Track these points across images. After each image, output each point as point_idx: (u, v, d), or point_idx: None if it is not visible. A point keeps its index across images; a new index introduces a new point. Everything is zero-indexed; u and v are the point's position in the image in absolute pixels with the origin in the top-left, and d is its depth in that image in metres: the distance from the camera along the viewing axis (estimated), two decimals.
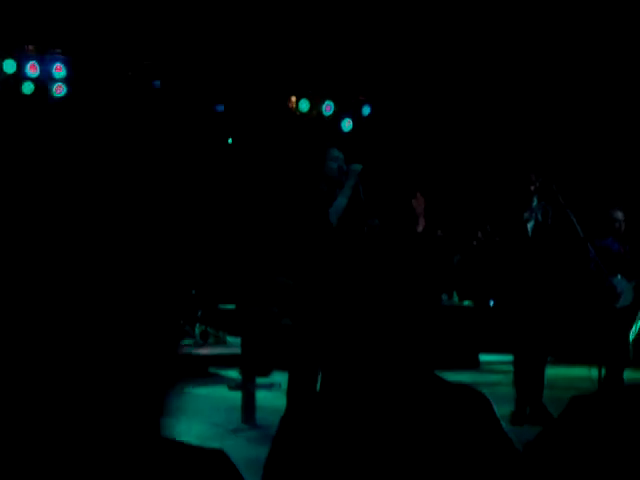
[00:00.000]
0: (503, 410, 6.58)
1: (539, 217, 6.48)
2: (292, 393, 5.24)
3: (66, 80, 10.71)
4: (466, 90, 11.91)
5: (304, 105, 12.24)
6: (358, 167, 5.29)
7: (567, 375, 9.47)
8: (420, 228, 6.74)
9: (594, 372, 6.64)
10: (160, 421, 1.46)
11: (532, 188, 6.46)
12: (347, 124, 12.48)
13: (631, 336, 10.29)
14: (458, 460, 1.85)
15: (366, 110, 12.57)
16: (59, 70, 10.60)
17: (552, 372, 7.20)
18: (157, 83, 11.27)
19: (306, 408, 2.06)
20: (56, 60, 10.62)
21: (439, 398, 1.96)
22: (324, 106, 12.31)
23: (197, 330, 10.37)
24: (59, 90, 10.70)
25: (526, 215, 6.46)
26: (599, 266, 7.13)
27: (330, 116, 12.41)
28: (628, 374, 8.43)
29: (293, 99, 12.30)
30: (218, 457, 2.43)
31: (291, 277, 5.60)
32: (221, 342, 10.50)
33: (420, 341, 2.00)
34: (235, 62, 11.59)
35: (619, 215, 7.88)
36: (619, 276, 7.67)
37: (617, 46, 10.71)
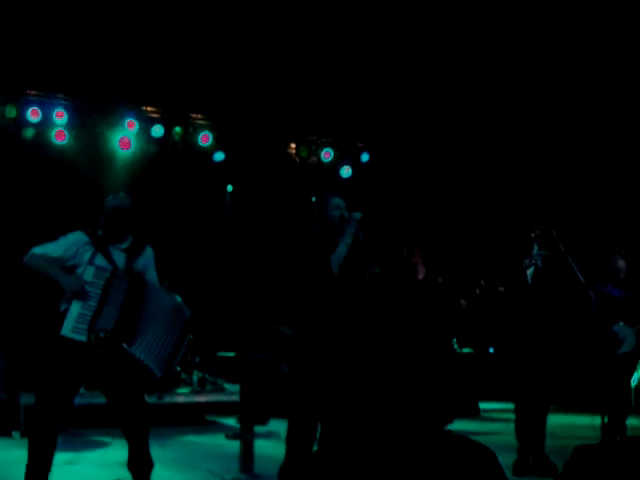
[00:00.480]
0: (505, 459, 6.48)
1: (539, 264, 6.46)
2: (291, 442, 5.17)
3: (67, 126, 10.75)
4: (465, 138, 11.98)
5: (304, 152, 12.31)
6: (358, 215, 5.28)
7: (569, 423, 9.37)
8: (421, 276, 6.73)
9: (596, 420, 6.56)
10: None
11: (532, 235, 6.46)
12: (346, 171, 12.54)
13: (633, 383, 10.23)
14: None
15: (365, 157, 12.64)
16: (60, 116, 10.64)
17: (554, 420, 7.11)
18: (159, 129, 11.32)
19: (306, 462, 2.01)
20: (58, 105, 10.67)
21: (443, 452, 1.92)
22: (323, 153, 12.37)
23: (195, 377, 10.27)
24: (60, 136, 10.73)
25: (526, 262, 6.44)
26: (600, 312, 7.09)
27: (329, 163, 12.47)
28: (631, 421, 8.35)
29: (293, 146, 12.38)
30: None
31: (291, 326, 5.57)
32: (219, 389, 10.39)
33: (437, 393, 1.97)
34: (234, 109, 11.67)
35: (620, 263, 7.88)
36: (621, 323, 7.64)
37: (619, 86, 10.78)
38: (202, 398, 9.90)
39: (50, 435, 4.92)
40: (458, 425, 9.19)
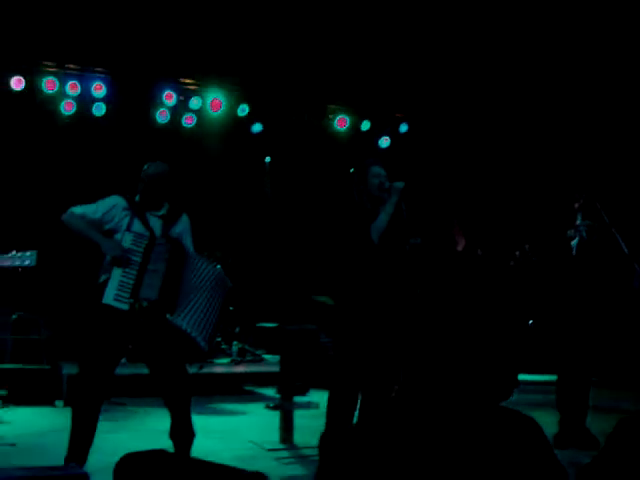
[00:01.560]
0: (546, 432, 6.44)
1: (584, 235, 6.36)
2: (331, 413, 5.17)
3: (106, 99, 10.79)
4: (507, 106, 11.81)
5: (342, 123, 12.25)
6: (401, 184, 5.22)
7: (612, 397, 9.29)
8: (460, 247, 6.66)
9: None
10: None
11: (576, 206, 6.35)
12: (384, 141, 12.46)
13: None
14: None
15: (403, 127, 12.54)
16: (99, 89, 10.68)
17: (595, 393, 7.04)
18: (197, 101, 11.32)
19: (347, 434, 1.99)
20: (97, 79, 10.71)
21: (489, 423, 1.90)
22: (362, 124, 12.30)
23: (234, 348, 10.33)
24: (98, 110, 10.79)
25: (570, 232, 6.34)
26: None
27: (367, 133, 12.40)
28: None
29: (330, 117, 12.31)
30: (258, 479, 2.38)
31: (331, 295, 5.54)
32: (258, 360, 10.45)
33: (500, 369, 1.94)
34: (273, 81, 11.62)
35: None
36: None
37: None
38: (241, 368, 9.96)
39: (93, 405, 4.96)
40: None
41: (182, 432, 5.08)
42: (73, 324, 8.90)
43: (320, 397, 5.65)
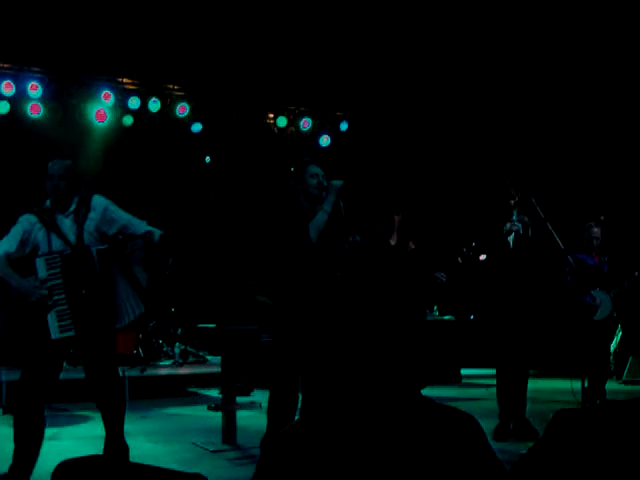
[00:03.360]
0: (486, 425, 6.54)
1: (520, 230, 6.47)
2: (272, 413, 5.17)
3: (42, 99, 10.61)
4: (444, 105, 11.94)
5: (282, 122, 12.25)
6: (338, 183, 5.23)
7: (549, 388, 9.47)
8: (393, 242, 6.71)
9: (576, 384, 6.62)
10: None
11: (512, 202, 6.45)
12: (325, 140, 12.50)
13: (612, 347, 10.35)
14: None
15: (344, 126, 12.59)
16: (35, 89, 10.51)
17: (534, 386, 7.17)
18: (135, 101, 11.20)
19: (285, 433, 2.00)
20: (32, 78, 10.53)
21: (424, 419, 1.92)
22: (302, 122, 12.32)
23: (177, 349, 10.27)
24: (35, 110, 10.60)
25: (507, 227, 6.44)
26: (577, 279, 7.14)
27: (308, 132, 12.42)
28: (610, 385, 8.45)
29: (271, 116, 12.30)
30: None
31: (270, 295, 5.53)
32: (201, 361, 10.40)
33: (408, 359, 1.96)
34: (211, 80, 11.57)
35: (596, 231, 7.92)
36: (597, 289, 7.69)
37: (586, 57, 10.77)
38: (184, 370, 9.91)
39: (36, 411, 4.89)
40: (440, 391, 9.32)
41: (115, 448, 5.03)
42: (12, 329, 8.75)
43: (264, 397, 5.65)
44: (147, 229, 5.20)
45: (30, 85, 10.47)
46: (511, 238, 6.48)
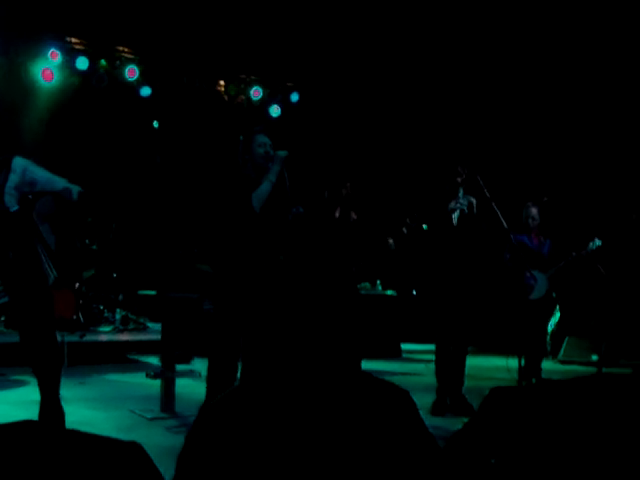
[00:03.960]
0: (425, 400, 6.63)
1: (465, 209, 6.52)
2: (211, 381, 5.16)
3: None
4: (396, 78, 11.95)
5: (232, 89, 12.14)
6: (284, 153, 5.20)
7: (486, 365, 9.62)
8: (337, 214, 6.73)
9: (512, 362, 6.73)
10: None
11: (459, 180, 6.49)
12: (275, 110, 12.43)
13: (549, 327, 10.54)
14: (380, 457, 1.82)
15: (294, 96, 12.54)
16: None
17: (472, 362, 7.27)
18: (83, 61, 10.99)
19: (224, 401, 1.98)
20: None
21: (357, 391, 1.92)
22: (252, 91, 12.22)
23: (118, 315, 10.17)
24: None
25: (452, 205, 6.49)
26: (515, 259, 7.23)
27: (258, 101, 12.33)
28: (546, 364, 8.61)
29: (222, 83, 12.18)
30: (133, 449, 2.35)
31: (211, 264, 5.49)
32: (142, 328, 10.33)
33: (344, 332, 1.97)
34: (163, 43, 11.39)
35: (534, 211, 8.02)
36: (536, 270, 7.80)
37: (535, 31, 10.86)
38: (125, 337, 9.83)
39: None
40: (380, 365, 9.39)
41: (51, 413, 4.97)
42: None
43: (204, 365, 5.63)
44: (65, 186, 5.08)
45: None
46: (455, 215, 6.53)
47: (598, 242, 8.06)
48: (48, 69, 10.78)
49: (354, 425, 1.86)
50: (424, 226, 6.62)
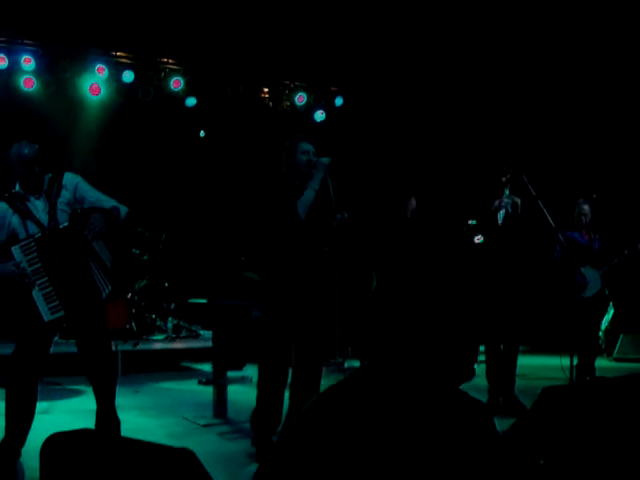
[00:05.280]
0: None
1: (508, 208, 6.49)
2: (262, 389, 5.21)
3: (35, 72, 10.55)
4: (440, 81, 11.90)
5: (277, 96, 12.19)
6: (326, 160, 5.22)
7: (540, 365, 9.52)
8: (409, 214, 6.73)
9: (566, 362, 6.66)
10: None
11: (503, 179, 6.46)
12: (320, 115, 12.45)
13: (603, 325, 10.40)
14: (452, 465, 1.81)
15: (339, 101, 12.54)
16: (28, 62, 10.44)
17: (524, 362, 7.21)
18: (129, 75, 11.14)
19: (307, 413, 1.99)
20: (25, 51, 10.45)
21: (441, 406, 1.91)
22: (297, 97, 12.27)
23: (170, 324, 10.29)
24: (28, 83, 10.54)
25: (495, 204, 6.45)
26: (567, 257, 7.16)
27: (303, 107, 12.37)
28: (600, 362, 8.50)
29: (266, 90, 12.25)
30: (185, 456, 2.39)
31: (258, 271, 5.54)
32: (194, 336, 10.44)
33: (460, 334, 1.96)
34: (206, 54, 11.50)
35: (585, 208, 7.93)
36: (587, 267, 7.71)
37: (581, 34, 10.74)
38: (177, 345, 9.94)
39: (29, 384, 4.93)
40: None
41: (107, 423, 5.07)
42: (3, 303, 8.75)
43: (255, 371, 5.68)
44: (113, 205, 5.17)
45: (23, 58, 10.39)
46: (501, 215, 6.50)
47: None
48: (95, 84, 10.95)
49: (437, 439, 1.85)
50: (472, 221, 6.60)
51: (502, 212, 6.51)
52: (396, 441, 1.83)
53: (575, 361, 7.20)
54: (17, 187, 5.05)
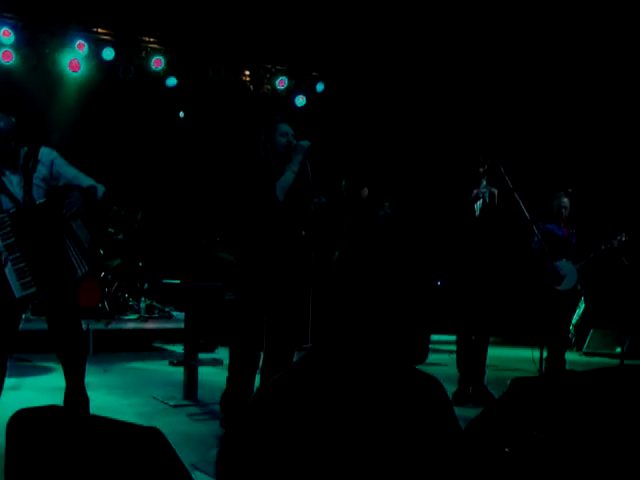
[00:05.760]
0: (447, 390, 6.63)
1: (486, 199, 6.51)
2: (233, 370, 5.20)
3: (14, 46, 10.43)
4: (420, 67, 11.91)
5: (257, 79, 12.15)
6: (306, 143, 5.21)
7: (512, 356, 9.60)
8: (364, 196, 6.75)
9: (537, 354, 6.71)
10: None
11: (481, 170, 6.47)
12: (300, 100, 12.43)
13: (574, 319, 10.48)
14: (408, 442, 1.82)
15: (320, 86, 12.52)
16: (7, 35, 10.32)
17: (495, 353, 7.26)
18: (109, 52, 11.05)
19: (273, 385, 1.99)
20: (4, 24, 10.34)
21: (391, 381, 1.92)
22: (278, 81, 12.23)
23: (143, 304, 10.25)
24: (7, 57, 10.43)
25: (473, 194, 6.47)
26: (543, 249, 7.20)
27: (284, 91, 12.34)
28: (569, 356, 8.58)
29: (247, 73, 12.20)
30: (153, 435, 2.38)
31: (234, 252, 5.53)
32: (167, 317, 10.41)
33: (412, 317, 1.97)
34: (190, 35, 11.43)
35: (565, 201, 7.97)
36: (564, 260, 7.76)
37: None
38: (149, 325, 9.91)
39: None
40: None
41: (76, 399, 5.05)
42: None
43: (227, 354, 5.67)
44: (91, 184, 5.12)
45: (2, 31, 10.28)
46: (478, 206, 6.52)
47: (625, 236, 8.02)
48: (75, 60, 10.85)
49: (392, 415, 1.86)
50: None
51: (480, 203, 6.52)
52: (350, 419, 1.84)
53: (545, 354, 7.25)
54: None
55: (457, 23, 11.12)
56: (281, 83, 12.25)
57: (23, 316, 5.60)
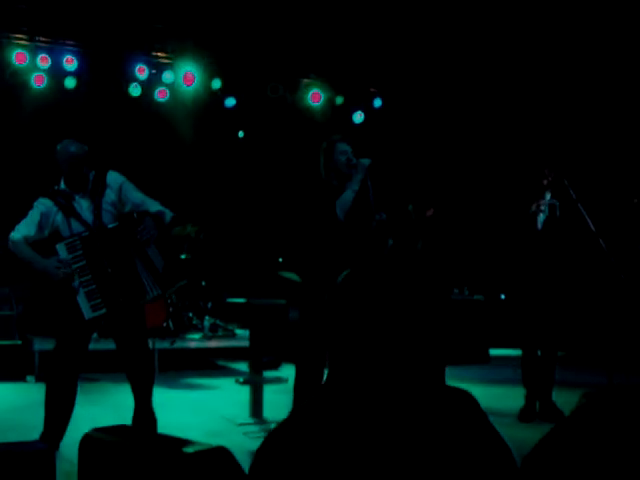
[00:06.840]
0: (514, 406, 6.53)
1: (546, 212, 6.43)
2: (298, 388, 5.21)
3: (77, 72, 10.67)
4: (480, 82, 11.83)
5: (316, 97, 12.20)
6: (367, 161, 5.22)
7: (579, 371, 9.41)
8: (429, 213, 6.71)
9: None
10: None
11: (544, 182, 6.40)
12: (358, 116, 12.44)
13: None
14: (452, 462, 1.80)
15: (377, 102, 12.52)
16: (70, 62, 10.56)
17: (563, 369, 7.12)
18: (169, 75, 11.23)
19: (308, 407, 2.00)
20: (67, 52, 10.58)
21: (428, 402, 1.90)
22: (336, 98, 12.27)
23: (206, 323, 10.34)
24: (70, 83, 10.68)
25: (533, 208, 6.39)
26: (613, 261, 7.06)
27: (341, 108, 12.36)
28: None
29: (305, 91, 12.26)
30: (222, 454, 2.39)
31: (297, 272, 5.55)
32: (230, 335, 10.47)
33: (431, 339, 1.95)
34: (247, 55, 11.55)
35: None
36: None
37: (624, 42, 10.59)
38: (214, 343, 9.98)
39: (68, 380, 5.00)
40: (468, 371, 9.27)
41: (144, 420, 5.12)
42: (45, 299, 8.87)
43: (292, 372, 5.69)
44: (159, 209, 5.20)
45: (66, 58, 10.52)
46: (540, 219, 6.44)
47: None
48: (135, 83, 11.03)
49: (429, 436, 1.84)
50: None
51: (542, 215, 6.44)
52: (391, 447, 1.82)
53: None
54: (62, 184, 5.10)
55: (518, 39, 11.03)
56: (337, 100, 12.28)
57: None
